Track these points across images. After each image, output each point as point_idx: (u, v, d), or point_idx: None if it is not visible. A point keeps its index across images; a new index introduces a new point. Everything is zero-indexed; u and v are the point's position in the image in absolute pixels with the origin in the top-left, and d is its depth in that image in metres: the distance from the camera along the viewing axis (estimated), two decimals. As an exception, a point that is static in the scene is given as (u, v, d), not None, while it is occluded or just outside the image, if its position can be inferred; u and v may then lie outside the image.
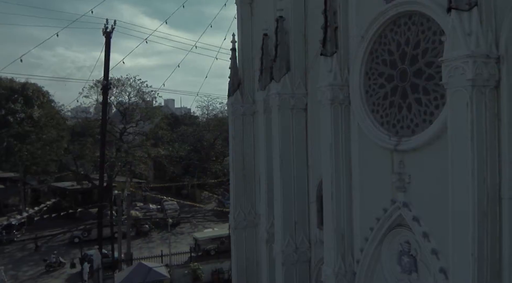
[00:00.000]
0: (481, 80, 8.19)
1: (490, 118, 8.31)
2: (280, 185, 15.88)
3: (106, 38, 26.52)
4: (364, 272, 12.45)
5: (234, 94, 20.93)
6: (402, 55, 11.24)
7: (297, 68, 15.79)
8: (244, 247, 20.70)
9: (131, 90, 54.48)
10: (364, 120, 12.26)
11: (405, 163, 10.93)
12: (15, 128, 47.52)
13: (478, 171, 8.23)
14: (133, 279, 23.35)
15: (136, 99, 55.64)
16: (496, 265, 8.51)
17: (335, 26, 13.13)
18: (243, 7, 21.10)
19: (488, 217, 8.39)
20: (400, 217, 11.10)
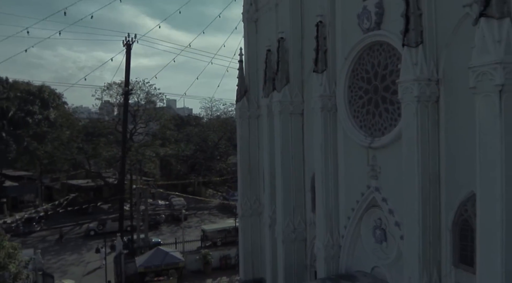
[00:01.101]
0: (424, 97, 11.50)
1: (431, 124, 11.59)
2: (281, 177, 19.19)
3: (127, 50, 29.82)
4: (347, 244, 15.74)
5: (241, 100, 24.23)
6: (375, 74, 14.53)
7: (295, 81, 19.08)
8: (250, 233, 24.00)
9: (140, 92, 57.74)
10: (347, 124, 15.56)
11: (376, 157, 14.21)
12: (33, 128, 50.88)
13: (422, 163, 11.50)
14: (152, 262, 26.71)
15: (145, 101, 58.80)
16: (437, 231, 11.76)
17: (325, 49, 16.43)
18: (249, 25, 24.40)
19: (430, 197, 11.65)
20: (374, 199, 14.37)
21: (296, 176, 19.13)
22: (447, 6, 11.24)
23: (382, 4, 13.64)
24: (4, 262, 22.05)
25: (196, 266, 30.36)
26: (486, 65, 8.87)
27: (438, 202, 11.72)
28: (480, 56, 9.04)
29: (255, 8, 24.11)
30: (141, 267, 26.71)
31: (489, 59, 8.84)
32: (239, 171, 24.71)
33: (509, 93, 8.70)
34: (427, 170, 11.54)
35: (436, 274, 11.67)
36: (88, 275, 32.87)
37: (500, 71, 8.62)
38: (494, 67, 8.72)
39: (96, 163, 56.70)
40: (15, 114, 50.11)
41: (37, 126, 51.17)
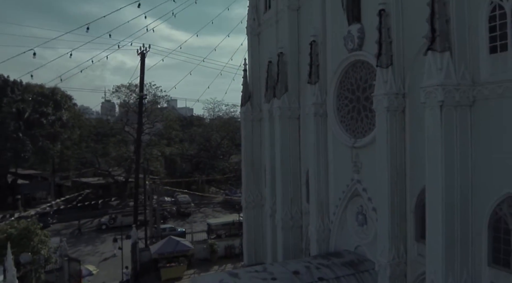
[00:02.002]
0: (393, 107, 14.56)
1: (399, 129, 14.65)
2: (280, 173, 22.28)
3: (141, 59, 32.88)
4: (336, 228, 18.80)
5: (246, 105, 27.34)
6: (358, 86, 17.60)
7: (292, 89, 22.17)
8: (253, 223, 27.11)
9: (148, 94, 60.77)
10: (335, 127, 18.63)
11: (359, 155, 17.27)
12: (47, 129, 53.97)
13: (391, 159, 14.54)
14: (165, 249, 29.82)
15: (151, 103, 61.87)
16: (403, 213, 14.82)
17: (318, 64, 19.50)
18: (252, 37, 27.50)
19: (397, 186, 14.69)
20: (356, 190, 17.43)
21: (293, 172, 22.23)
22: (411, 36, 14.28)
23: (363, 30, 16.71)
24: (38, 248, 25.17)
25: (203, 255, 33.44)
26: (432, 86, 11.93)
27: (404, 191, 14.77)
28: (428, 80, 12.10)
29: (257, 23, 27.19)
30: (155, 254, 29.82)
31: (433, 82, 11.89)
32: (243, 168, 27.80)
33: (447, 107, 11.76)
34: (395, 165, 14.61)
35: (403, 248, 14.74)
36: (103, 261, 36.04)
37: (441, 91, 11.69)
38: (436, 88, 11.77)
39: (106, 162, 59.79)
40: (30, 115, 53.18)
41: (50, 126, 54.25)
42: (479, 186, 11.96)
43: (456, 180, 11.90)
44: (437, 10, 12.02)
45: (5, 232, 24.63)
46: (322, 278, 15.23)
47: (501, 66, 11.43)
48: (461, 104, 11.92)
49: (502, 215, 11.57)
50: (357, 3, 17.10)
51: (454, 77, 11.84)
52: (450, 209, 11.96)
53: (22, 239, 24.39)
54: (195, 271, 31.13)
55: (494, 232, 11.81)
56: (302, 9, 21.95)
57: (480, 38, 11.85)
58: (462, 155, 11.97)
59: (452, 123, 11.87)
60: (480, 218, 11.97)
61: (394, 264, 14.51)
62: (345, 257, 17.41)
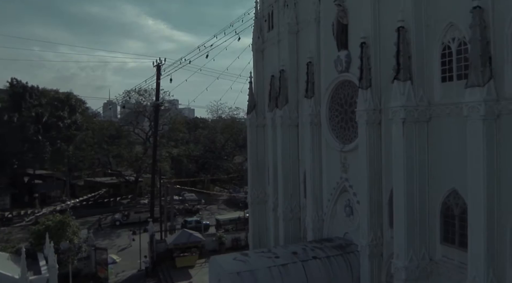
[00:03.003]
0: (371, 120, 18.28)
1: (376, 138, 18.37)
2: (282, 172, 26.02)
3: (157, 70, 36.63)
4: (328, 218, 22.53)
5: (251, 113, 31.09)
6: (345, 101, 21.34)
7: (292, 101, 25.90)
8: (258, 216, 30.83)
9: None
10: (327, 134, 22.37)
11: (346, 158, 21.00)
12: (63, 132, 57.81)
13: (369, 162, 18.26)
14: (180, 240, 33.61)
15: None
16: (380, 204, 18.53)
17: (313, 81, 23.25)
18: (257, 54, 31.26)
19: (375, 183, 18.41)
20: (344, 186, 21.15)
21: (292, 172, 25.98)
22: (386, 64, 17.94)
23: (349, 56, 20.44)
24: (71, 238, 28.97)
25: (212, 246, 37.24)
26: (397, 107, 15.68)
27: (380, 187, 18.46)
28: (394, 102, 15.86)
29: (261, 40, 30.94)
30: (171, 245, 33.63)
31: (398, 104, 15.65)
32: (249, 169, 31.57)
33: (408, 123, 15.53)
34: (373, 166, 18.33)
35: (379, 233, 18.45)
36: (120, 252, 39.88)
37: (403, 111, 15.46)
38: (400, 108, 15.54)
39: (118, 163, 63.68)
40: (48, 119, 56.98)
41: (66, 129, 58.10)
42: (433, 182, 15.71)
43: (415, 177, 15.67)
44: (401, 49, 15.78)
45: (43, 224, 28.44)
46: (315, 257, 18.98)
47: (449, 92, 15.17)
48: (419, 120, 15.68)
49: (450, 204, 15.32)
50: (345, 34, 20.84)
51: (414, 100, 15.60)
52: (410, 200, 15.74)
53: (59, 230, 28.22)
54: (205, 260, 34.87)
55: (444, 217, 15.56)
56: (301, 33, 25.69)
57: (434, 70, 15.60)
58: (420, 159, 15.74)
59: (412, 135, 15.64)
60: (434, 207, 15.73)
61: (372, 245, 18.26)
62: (335, 241, 21.16)
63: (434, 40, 15.58)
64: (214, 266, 19.43)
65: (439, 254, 15.76)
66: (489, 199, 13.04)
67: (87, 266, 31.55)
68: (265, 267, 18.01)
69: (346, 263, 19.31)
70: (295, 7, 26.01)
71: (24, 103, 56.93)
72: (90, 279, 30.76)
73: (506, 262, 13.07)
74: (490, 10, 13.29)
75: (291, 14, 25.79)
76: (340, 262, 19.25)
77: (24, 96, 57.50)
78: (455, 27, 14.77)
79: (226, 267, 17.86)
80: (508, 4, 12.88)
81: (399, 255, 16.00)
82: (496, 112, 12.99)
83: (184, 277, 31.92)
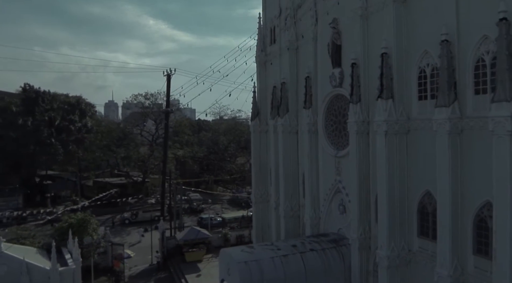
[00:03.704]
0: (360, 130, 21.11)
1: (364, 146, 21.19)
2: (283, 174, 28.87)
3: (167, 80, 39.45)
4: (324, 216, 25.37)
5: (255, 119, 33.94)
6: (339, 112, 24.18)
7: (292, 111, 28.74)
8: (261, 214, 33.67)
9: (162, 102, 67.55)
10: (323, 141, 25.21)
11: (340, 162, 23.84)
12: (74, 135, 60.73)
13: (359, 166, 21.09)
14: (189, 237, 36.49)
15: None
16: (368, 204, 21.35)
17: (311, 93, 26.08)
18: (260, 66, 34.09)
19: (364, 185, 21.24)
20: (338, 188, 23.99)
21: (292, 174, 28.83)
22: (373, 83, 20.76)
23: (342, 73, 23.27)
24: (91, 234, 31.84)
25: (218, 243, 40.09)
26: (380, 121, 18.53)
27: (368, 188, 21.28)
28: (378, 116, 18.72)
29: (264, 54, 33.76)
30: (181, 241, 36.51)
31: (381, 119, 18.49)
32: (253, 170, 34.43)
33: (390, 135, 18.37)
34: (362, 171, 21.14)
35: (367, 228, 21.28)
36: (131, 247, 42.71)
37: (385, 124, 18.30)
38: (383, 122, 18.38)
39: (125, 164, 66.56)
40: (61, 122, 59.87)
41: (77, 132, 60.99)
42: (411, 185, 18.56)
43: (396, 181, 18.52)
44: (384, 72, 18.63)
45: (66, 222, 31.32)
46: (312, 249, 21.82)
47: (424, 109, 18.00)
48: (399, 133, 18.53)
49: (424, 203, 18.16)
50: (338, 53, 23.68)
51: (395, 115, 18.45)
52: (392, 200, 18.60)
53: (80, 227, 31.08)
54: (212, 255, 37.80)
55: (420, 214, 18.40)
56: (300, 49, 28.50)
57: (412, 90, 18.44)
58: (400, 165, 18.59)
59: (393, 145, 18.49)
60: (411, 206, 18.58)
61: (361, 238, 21.11)
62: (330, 236, 24.00)
63: (412, 65, 18.42)
64: (224, 256, 22.29)
65: (416, 246, 18.61)
66: (453, 199, 15.89)
67: (104, 260, 34.41)
68: (268, 257, 20.87)
69: (339, 254, 22.15)
70: (295, 25, 28.83)
71: (37, 107, 59.81)
72: (107, 272, 33.61)
73: (467, 251, 15.91)
74: (456, 43, 16.12)
75: (291, 32, 28.61)
76: (334, 253, 22.10)
77: (37, 101, 60.39)
78: (429, 55, 17.59)
79: (235, 257, 20.72)
80: (470, 39, 15.68)
81: (382, 246, 18.86)
82: (460, 128, 15.82)
83: (193, 270, 34.78)
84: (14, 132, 56.10)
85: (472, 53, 15.53)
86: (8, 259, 24.80)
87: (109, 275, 33.22)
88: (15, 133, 55.90)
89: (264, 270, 20.36)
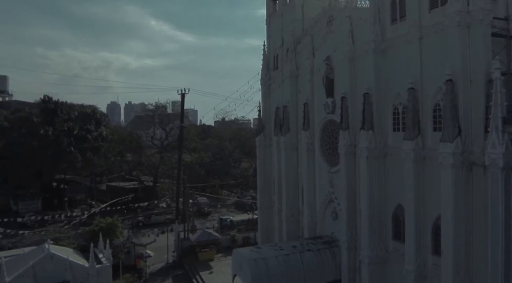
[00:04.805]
0: (348, 152, 25.75)
1: (352, 165, 25.85)
2: (285, 185, 33.58)
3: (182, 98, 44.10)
4: (320, 221, 30.07)
5: (260, 135, 38.67)
6: (332, 134, 28.87)
7: (293, 130, 33.44)
8: (265, 218, 38.37)
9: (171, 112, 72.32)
10: (319, 159, 29.91)
11: (333, 177, 28.53)
12: (91, 143, 65.44)
13: (347, 180, 25.78)
14: (202, 238, 41.24)
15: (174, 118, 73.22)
16: (355, 215, 26.00)
17: (308, 117, 30.78)
18: (264, 87, 38.82)
19: (351, 196, 25.91)
20: (331, 198, 28.67)
21: (293, 184, 33.55)
22: (359, 114, 25.40)
23: (334, 103, 27.95)
24: (118, 236, 36.57)
25: (227, 243, 44.81)
26: (362, 147, 23.26)
27: (355, 199, 25.93)
28: (361, 143, 23.45)
29: (268, 77, 38.47)
30: (195, 241, 41.27)
31: (363, 145, 23.22)
32: (258, 180, 39.16)
33: (370, 158, 23.10)
34: (350, 185, 25.81)
35: (355, 232, 25.95)
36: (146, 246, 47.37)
37: (366, 150, 23.03)
38: (364, 148, 23.12)
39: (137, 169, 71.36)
40: (79, 132, 64.58)
41: (94, 141, 65.69)
42: (387, 198, 23.27)
43: (375, 195, 23.24)
44: (366, 108, 23.34)
45: (97, 226, 36.09)
46: (309, 249, 26.53)
47: (397, 139, 22.66)
48: (378, 157, 23.24)
49: (398, 213, 22.85)
50: (331, 85, 28.37)
51: (374, 143, 23.15)
52: (372, 210, 23.33)
53: (109, 230, 35.82)
54: (222, 254, 42.51)
55: (394, 222, 23.09)
56: (299, 78, 33.19)
57: (388, 123, 23.15)
58: (378, 183, 23.30)
59: (373, 167, 23.21)
60: (387, 215, 23.29)
61: (349, 241, 25.79)
62: (324, 238, 28.70)
63: (388, 103, 23.13)
64: (236, 255, 27.02)
65: (391, 247, 23.32)
66: (416, 211, 20.57)
67: (128, 259, 39.08)
68: (273, 256, 25.59)
69: (332, 254, 26.85)
70: (295, 57, 33.51)
71: (56, 118, 64.57)
72: (131, 269, 38.33)
73: (428, 251, 20.60)
74: (420, 90, 20.79)
75: (292, 64, 33.31)
76: (327, 253, 26.81)
77: (56, 112, 65.13)
78: (401, 97, 22.25)
79: (246, 256, 25.46)
80: (430, 89, 20.31)
81: (364, 247, 23.57)
82: (422, 156, 20.50)
83: (206, 268, 39.48)
84: (36, 141, 60.81)
85: (431, 99, 20.21)
86: (54, 258, 29.49)
87: (132, 272, 37.92)
88: (38, 142, 60.61)
89: (269, 266, 25.07)
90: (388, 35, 23.11)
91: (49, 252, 29.56)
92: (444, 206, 18.23)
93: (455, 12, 17.88)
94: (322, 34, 29.61)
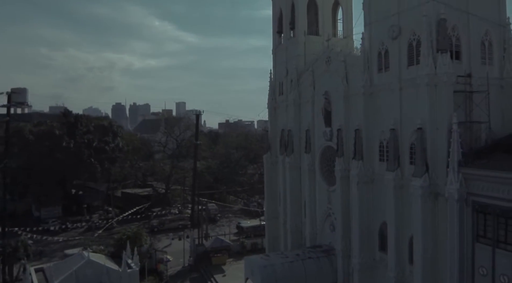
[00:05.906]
0: (344, 176, 30.69)
1: (346, 186, 30.73)
2: (289, 199, 38.50)
3: (196, 119, 49.09)
4: (319, 232, 34.94)
5: (267, 153, 43.60)
6: (330, 158, 33.73)
7: (296, 152, 38.32)
8: (272, 228, 43.25)
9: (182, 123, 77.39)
10: (319, 179, 34.80)
11: (331, 194, 33.40)
12: (109, 154, 70.63)
13: (342, 200, 30.66)
14: (214, 245, 46.25)
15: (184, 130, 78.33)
16: (349, 228, 30.86)
17: (310, 142, 35.67)
18: (271, 110, 43.71)
19: (346, 214, 30.77)
20: (329, 213, 33.54)
21: (297, 199, 38.44)
22: (351, 145, 30.22)
23: (332, 132, 32.81)
24: (143, 243, 41.60)
25: (237, 249, 49.86)
26: (354, 174, 28.16)
27: (349, 215, 30.78)
28: (352, 171, 28.39)
29: (275, 101, 43.34)
30: (209, 247, 46.29)
31: (354, 173, 28.16)
32: (265, 193, 44.11)
33: (360, 184, 28.00)
34: (344, 203, 30.66)
35: (349, 242, 30.79)
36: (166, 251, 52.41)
37: (357, 177, 27.94)
38: (355, 175, 28.02)
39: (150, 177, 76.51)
40: (98, 144, 69.81)
41: (112, 152, 70.90)
42: (374, 216, 28.14)
43: (364, 214, 28.11)
44: (357, 142, 28.23)
45: (124, 234, 41.14)
46: (310, 257, 31.45)
47: (382, 168, 27.49)
48: (367, 182, 28.13)
49: (383, 229, 27.70)
50: (329, 116, 33.23)
51: (363, 171, 28.03)
52: (362, 225, 28.21)
53: (135, 238, 40.85)
54: (232, 259, 47.49)
55: (380, 236, 27.96)
56: (302, 106, 38.06)
57: (375, 155, 28.01)
58: (367, 204, 28.18)
59: (363, 191, 28.10)
60: (374, 230, 28.16)
61: (344, 250, 30.67)
62: (323, 247, 33.59)
63: (375, 138, 28.01)
64: (248, 262, 31.98)
65: (378, 257, 28.21)
66: (396, 228, 25.42)
67: (150, 263, 44.13)
68: (280, 263, 30.52)
69: (329, 261, 31.75)
70: (298, 87, 38.38)
71: (77, 130, 69.76)
72: (153, 272, 43.38)
73: (405, 261, 25.47)
74: (399, 130, 25.64)
75: (295, 93, 38.17)
76: (325, 260, 31.71)
77: (76, 125, 70.34)
78: (385, 134, 27.07)
79: (257, 262, 30.42)
80: (407, 130, 25.13)
81: (355, 256, 28.48)
82: (400, 184, 25.36)
83: (219, 271, 44.51)
84: (59, 153, 66.00)
85: (408, 139, 25.06)
86: (92, 264, 34.54)
87: (154, 275, 42.97)
88: (60, 154, 65.80)
89: (277, 271, 29.99)
90: (375, 81, 27.98)
91: (89, 259, 34.62)
92: (415, 227, 23.12)
93: (424, 74, 22.75)
94: (321, 71, 34.46)
